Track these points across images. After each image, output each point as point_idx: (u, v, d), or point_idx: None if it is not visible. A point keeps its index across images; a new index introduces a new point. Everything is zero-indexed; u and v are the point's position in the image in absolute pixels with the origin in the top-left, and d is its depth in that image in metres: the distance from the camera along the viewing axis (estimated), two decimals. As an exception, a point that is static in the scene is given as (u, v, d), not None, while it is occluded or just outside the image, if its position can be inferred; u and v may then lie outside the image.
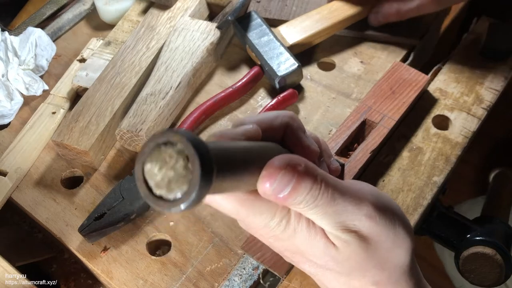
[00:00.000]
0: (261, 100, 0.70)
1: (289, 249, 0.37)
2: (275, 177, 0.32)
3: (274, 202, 0.34)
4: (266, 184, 0.32)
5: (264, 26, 0.71)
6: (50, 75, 0.76)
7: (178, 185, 0.26)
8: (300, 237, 0.35)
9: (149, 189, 0.27)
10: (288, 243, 0.36)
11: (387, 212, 0.36)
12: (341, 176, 0.55)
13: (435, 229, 0.64)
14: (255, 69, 0.70)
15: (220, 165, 0.27)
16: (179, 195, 0.26)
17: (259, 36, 0.71)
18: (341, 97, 0.70)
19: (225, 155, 0.29)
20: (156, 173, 0.27)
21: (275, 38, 0.70)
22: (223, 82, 0.73)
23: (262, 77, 0.71)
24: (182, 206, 0.26)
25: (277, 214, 0.34)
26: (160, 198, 0.27)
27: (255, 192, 0.33)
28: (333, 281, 0.37)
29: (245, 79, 0.69)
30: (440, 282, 1.31)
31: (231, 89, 0.68)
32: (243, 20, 0.72)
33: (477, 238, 0.61)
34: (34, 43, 0.74)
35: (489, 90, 0.68)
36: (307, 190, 0.32)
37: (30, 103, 0.73)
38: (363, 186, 0.37)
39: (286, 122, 0.38)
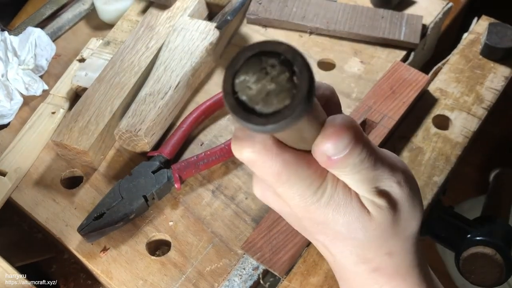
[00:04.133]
0: (261, 100, 0.70)
1: (314, 219, 0.35)
2: (338, 137, 0.30)
3: (315, 168, 0.33)
4: (327, 144, 0.30)
5: None
6: (50, 75, 0.76)
7: (279, 99, 0.24)
8: (334, 204, 0.34)
9: (238, 104, 0.24)
10: (317, 213, 0.34)
11: (412, 182, 0.36)
12: None
13: (435, 230, 0.64)
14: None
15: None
16: (277, 109, 0.24)
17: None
18: (341, 97, 0.69)
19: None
20: (251, 86, 0.24)
21: None
22: (223, 82, 0.72)
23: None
24: (281, 124, 0.24)
25: (315, 182, 0.33)
26: (252, 112, 0.24)
27: (300, 155, 0.32)
28: (346, 253, 0.36)
29: (245, 79, 0.69)
30: (441, 281, 1.31)
31: (231, 89, 0.68)
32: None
33: (477, 238, 0.61)
34: (33, 43, 0.74)
35: (489, 90, 0.68)
36: (358, 153, 0.31)
37: (29, 103, 0.72)
38: (394, 155, 0.37)
39: (327, 95, 0.36)
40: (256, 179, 0.37)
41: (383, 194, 0.34)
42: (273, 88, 0.24)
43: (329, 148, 0.31)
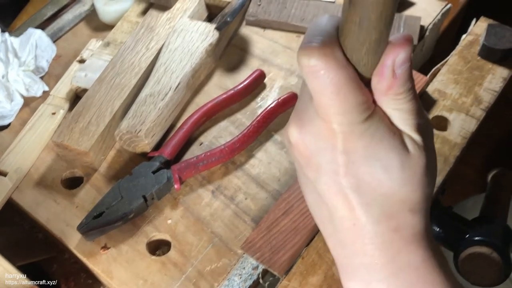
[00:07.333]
0: (261, 101, 0.70)
1: (353, 152, 0.34)
2: (407, 45, 0.32)
3: (367, 97, 0.33)
4: (398, 49, 0.32)
5: None
6: (50, 76, 0.76)
7: None
8: (379, 136, 0.34)
9: None
10: (359, 143, 0.34)
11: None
12: None
13: (434, 230, 0.64)
14: (257, 71, 0.70)
15: None
16: None
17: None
18: (340, 98, 0.70)
19: None
20: None
21: None
22: (223, 83, 0.73)
23: (264, 79, 0.71)
24: None
25: (367, 110, 0.33)
26: None
27: (359, 80, 0.33)
28: (371, 204, 0.35)
29: (247, 81, 0.69)
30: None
31: (232, 91, 0.68)
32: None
33: (475, 238, 0.61)
34: (34, 44, 0.74)
35: (487, 91, 0.68)
36: (411, 73, 0.33)
37: (30, 104, 0.73)
38: None
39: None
40: (294, 118, 0.36)
41: (420, 130, 0.35)
42: None
43: (399, 54, 0.32)
